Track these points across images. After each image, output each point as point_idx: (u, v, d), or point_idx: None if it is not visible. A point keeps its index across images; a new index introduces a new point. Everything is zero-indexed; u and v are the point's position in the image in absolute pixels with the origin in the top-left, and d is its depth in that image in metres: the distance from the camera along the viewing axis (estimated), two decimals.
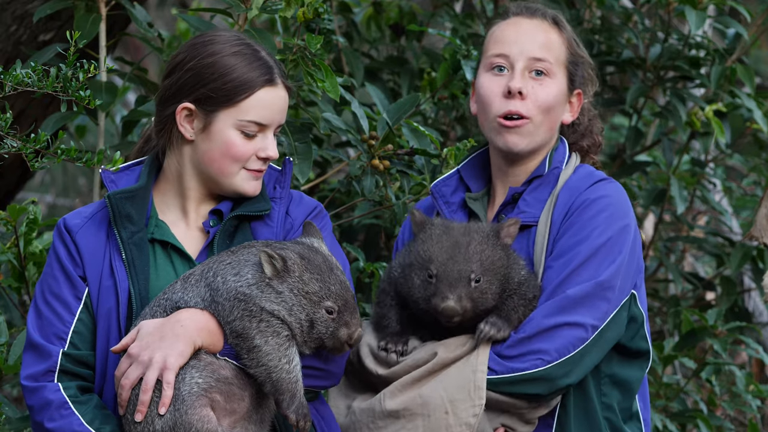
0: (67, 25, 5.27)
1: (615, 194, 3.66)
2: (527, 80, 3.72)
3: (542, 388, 3.53)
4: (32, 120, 5.37)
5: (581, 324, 3.51)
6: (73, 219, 3.64)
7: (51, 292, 3.59)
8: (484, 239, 3.57)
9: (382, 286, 3.73)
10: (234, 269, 3.46)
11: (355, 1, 6.29)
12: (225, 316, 3.45)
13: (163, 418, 3.39)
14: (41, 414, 3.50)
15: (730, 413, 6.52)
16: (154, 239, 3.63)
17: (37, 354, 3.55)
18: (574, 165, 3.77)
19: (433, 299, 3.51)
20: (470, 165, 3.88)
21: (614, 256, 3.57)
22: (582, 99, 3.83)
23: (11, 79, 3.78)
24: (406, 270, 3.60)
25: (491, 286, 3.53)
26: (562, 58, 3.78)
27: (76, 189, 10.32)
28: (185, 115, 3.61)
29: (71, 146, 3.78)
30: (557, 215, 3.65)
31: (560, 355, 3.50)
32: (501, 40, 3.78)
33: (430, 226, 3.62)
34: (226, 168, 3.61)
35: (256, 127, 3.59)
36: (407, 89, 5.84)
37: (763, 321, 7.01)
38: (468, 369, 3.53)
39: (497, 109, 3.73)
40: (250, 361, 3.43)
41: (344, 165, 5.50)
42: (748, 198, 7.09)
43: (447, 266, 3.52)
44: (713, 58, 6.00)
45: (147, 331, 3.45)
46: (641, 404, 3.74)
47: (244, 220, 3.66)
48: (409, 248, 3.64)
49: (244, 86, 3.58)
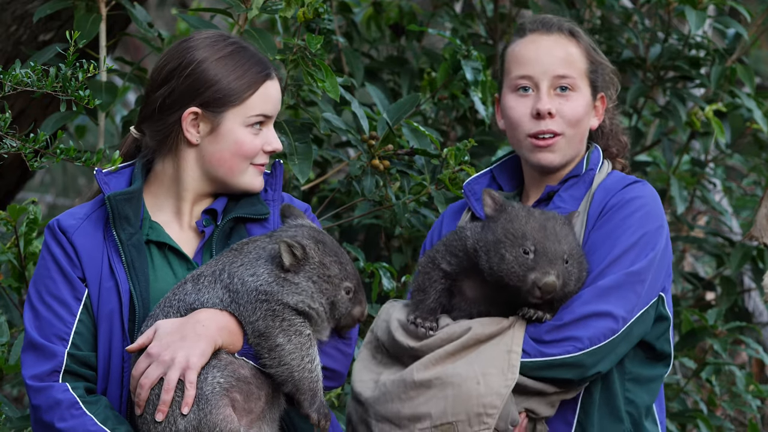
0: (67, 25, 5.27)
1: (650, 196, 3.71)
2: (554, 98, 3.77)
3: (573, 374, 3.56)
4: (32, 120, 5.37)
5: (612, 314, 3.56)
6: (67, 220, 3.63)
7: (49, 292, 3.57)
8: (564, 225, 3.62)
9: (425, 260, 3.72)
10: (249, 270, 3.48)
11: (355, 1, 6.29)
12: (247, 317, 3.46)
13: (186, 417, 3.39)
14: (50, 414, 3.48)
15: (730, 413, 6.52)
16: (149, 240, 3.63)
17: (39, 354, 3.53)
18: (607, 171, 3.82)
19: (532, 273, 3.53)
20: (504, 166, 3.93)
21: (647, 252, 3.62)
22: (606, 102, 3.88)
23: (11, 78, 3.78)
24: (492, 246, 3.59)
25: (574, 269, 3.58)
26: (583, 69, 3.82)
27: (76, 189, 10.32)
28: (192, 120, 3.62)
29: (71, 146, 3.78)
30: (593, 212, 3.70)
31: (592, 344, 3.54)
32: (522, 61, 3.81)
33: (511, 207, 3.65)
34: (236, 166, 3.63)
35: (262, 119, 3.63)
36: (407, 89, 5.84)
37: (763, 321, 7.01)
38: (503, 347, 3.56)
39: (528, 130, 3.78)
40: (272, 360, 3.44)
41: (344, 165, 5.50)
42: (748, 198, 7.09)
43: (545, 244, 3.55)
44: (713, 58, 6.00)
45: (166, 331, 3.45)
46: (657, 408, 3.78)
47: (240, 222, 3.68)
48: (489, 227, 3.63)
49: (250, 83, 3.61)
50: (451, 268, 3.67)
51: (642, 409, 3.71)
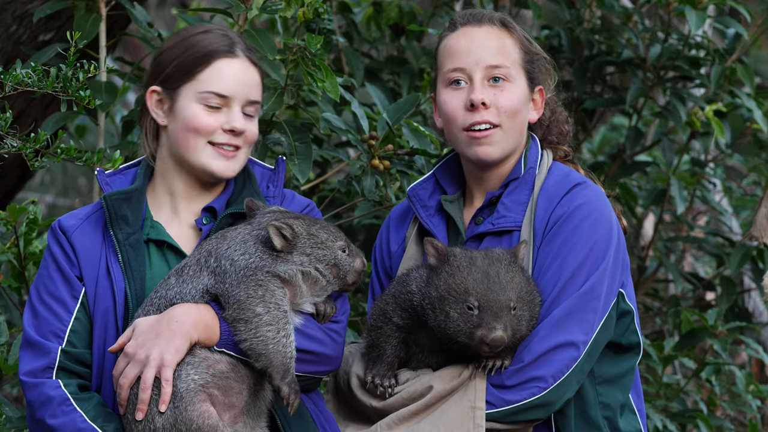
0: (67, 25, 5.27)
1: (593, 198, 3.63)
2: (487, 89, 3.70)
3: (541, 413, 3.54)
4: (32, 120, 5.38)
5: (573, 342, 3.51)
6: (68, 220, 3.66)
7: (47, 291, 3.60)
8: (508, 266, 3.55)
9: (376, 313, 3.67)
10: (239, 249, 3.49)
11: (355, 1, 6.29)
12: (230, 291, 3.45)
13: (164, 415, 3.40)
14: (42, 410, 3.50)
15: (730, 413, 6.52)
16: (149, 239, 3.64)
17: (34, 351, 3.55)
18: (548, 165, 3.74)
19: (479, 331, 3.46)
20: (445, 167, 3.86)
21: (599, 263, 3.57)
22: (544, 94, 3.81)
23: (11, 79, 3.79)
24: (437, 303, 3.53)
25: (525, 312, 3.52)
26: (517, 59, 3.74)
27: (76, 189, 10.32)
28: (156, 101, 3.67)
29: (71, 146, 3.78)
30: (538, 223, 3.63)
31: (555, 380, 3.51)
32: (454, 54, 3.74)
33: (453, 257, 3.57)
34: (191, 143, 3.62)
35: (217, 99, 3.62)
36: (407, 89, 5.84)
37: (763, 321, 7.01)
38: (466, 404, 3.52)
39: (462, 123, 3.71)
40: (248, 333, 3.43)
41: (344, 165, 5.50)
42: (748, 198, 7.10)
43: (488, 296, 3.49)
44: (713, 58, 6.00)
45: (142, 329, 3.45)
46: (634, 396, 3.74)
47: (239, 218, 3.67)
48: (432, 281, 3.57)
49: (202, 58, 3.62)
50: (403, 321, 3.63)
51: (617, 408, 3.67)
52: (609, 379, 3.66)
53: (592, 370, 3.62)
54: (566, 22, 6.19)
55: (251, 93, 3.66)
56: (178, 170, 3.68)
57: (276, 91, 4.60)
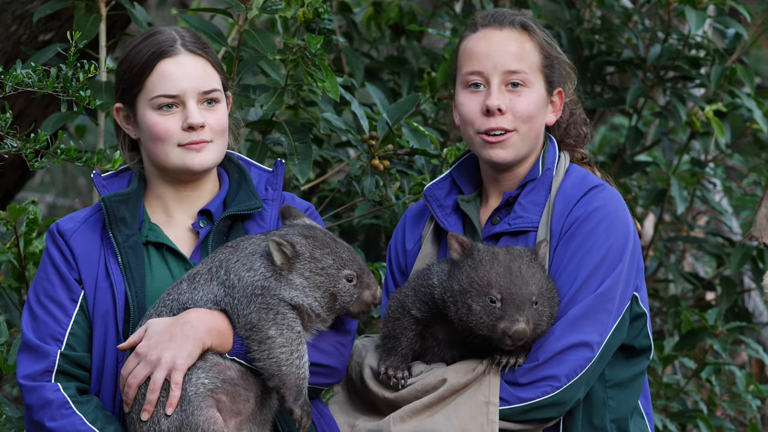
0: (67, 25, 5.27)
1: (610, 201, 3.64)
2: (504, 94, 3.69)
3: (554, 412, 3.54)
4: (32, 120, 5.38)
5: (587, 343, 3.52)
6: (66, 223, 3.65)
7: (46, 294, 3.59)
8: (530, 262, 3.55)
9: (394, 305, 3.67)
10: (245, 265, 3.47)
11: (355, 1, 6.29)
12: (241, 310, 3.45)
13: (170, 418, 3.39)
14: (41, 413, 3.50)
15: (730, 413, 6.52)
16: (148, 242, 3.64)
17: (33, 354, 3.55)
18: (565, 167, 3.74)
19: (501, 323, 3.47)
20: (462, 167, 3.86)
21: (615, 265, 3.57)
22: (563, 97, 3.80)
23: (11, 79, 3.79)
24: (459, 296, 3.53)
25: (545, 308, 3.52)
26: (536, 64, 3.73)
27: (76, 189, 10.33)
28: (123, 116, 3.68)
29: (71, 146, 3.78)
30: (555, 225, 3.64)
31: (569, 380, 3.51)
32: (473, 57, 3.73)
33: (477, 251, 3.57)
34: (160, 150, 3.62)
35: (168, 100, 3.61)
36: (407, 89, 5.84)
37: (763, 321, 7.01)
38: (480, 399, 3.52)
39: (479, 127, 3.70)
40: (261, 353, 3.43)
41: (344, 165, 5.50)
42: (748, 198, 7.10)
43: (511, 290, 3.50)
44: (713, 58, 6.00)
45: (155, 331, 3.45)
46: (642, 399, 3.74)
47: (237, 220, 3.67)
48: (455, 275, 3.58)
49: (145, 65, 3.62)
50: (422, 314, 3.63)
51: (627, 412, 3.67)
52: (620, 382, 3.66)
53: (602, 374, 3.62)
54: (566, 22, 6.20)
55: (202, 84, 3.64)
56: (161, 176, 3.68)
57: (276, 91, 4.60)
